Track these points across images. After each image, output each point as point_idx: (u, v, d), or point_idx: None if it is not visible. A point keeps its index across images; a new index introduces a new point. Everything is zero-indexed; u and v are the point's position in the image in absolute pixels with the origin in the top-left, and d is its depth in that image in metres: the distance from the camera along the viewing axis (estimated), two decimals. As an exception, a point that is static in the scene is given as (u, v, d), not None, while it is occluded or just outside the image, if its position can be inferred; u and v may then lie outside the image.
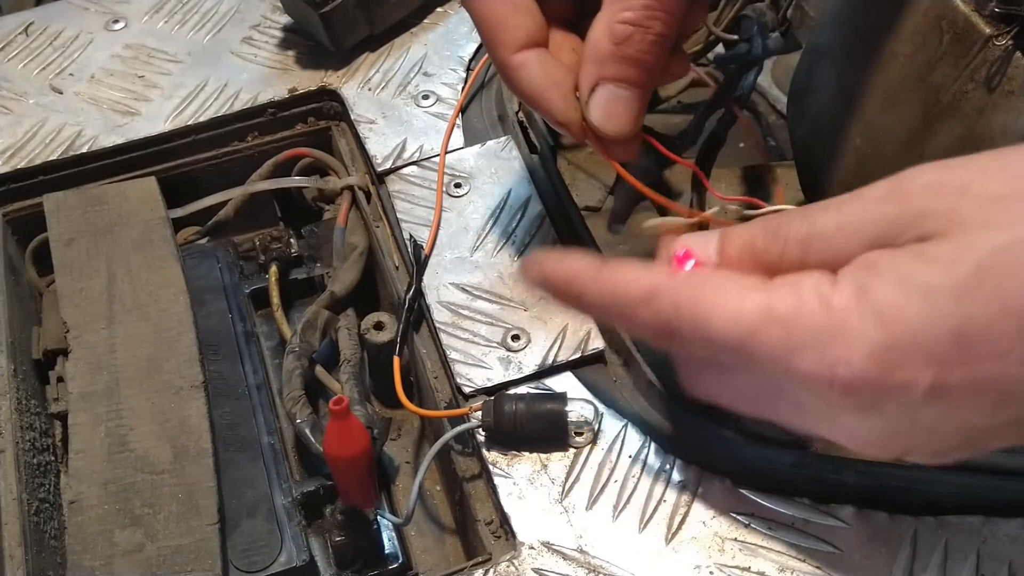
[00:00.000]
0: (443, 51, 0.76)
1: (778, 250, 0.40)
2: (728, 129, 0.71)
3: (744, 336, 0.38)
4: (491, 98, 0.73)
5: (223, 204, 0.70)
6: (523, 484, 0.53)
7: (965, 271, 0.34)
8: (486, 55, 0.74)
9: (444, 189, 0.66)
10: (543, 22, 0.50)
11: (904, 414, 0.37)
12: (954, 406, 0.36)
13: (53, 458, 0.59)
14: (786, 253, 0.40)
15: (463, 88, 0.73)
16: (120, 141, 0.70)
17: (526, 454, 0.54)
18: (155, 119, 0.72)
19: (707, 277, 0.40)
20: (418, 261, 0.62)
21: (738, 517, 0.51)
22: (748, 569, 0.49)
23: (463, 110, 0.72)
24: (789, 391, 0.39)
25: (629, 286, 0.42)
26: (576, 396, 0.56)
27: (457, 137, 0.70)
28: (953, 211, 0.35)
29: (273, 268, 0.68)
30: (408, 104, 0.72)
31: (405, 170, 0.68)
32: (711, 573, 0.49)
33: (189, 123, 0.71)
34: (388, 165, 0.68)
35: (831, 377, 0.37)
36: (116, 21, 0.79)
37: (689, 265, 0.42)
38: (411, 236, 0.63)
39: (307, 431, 0.57)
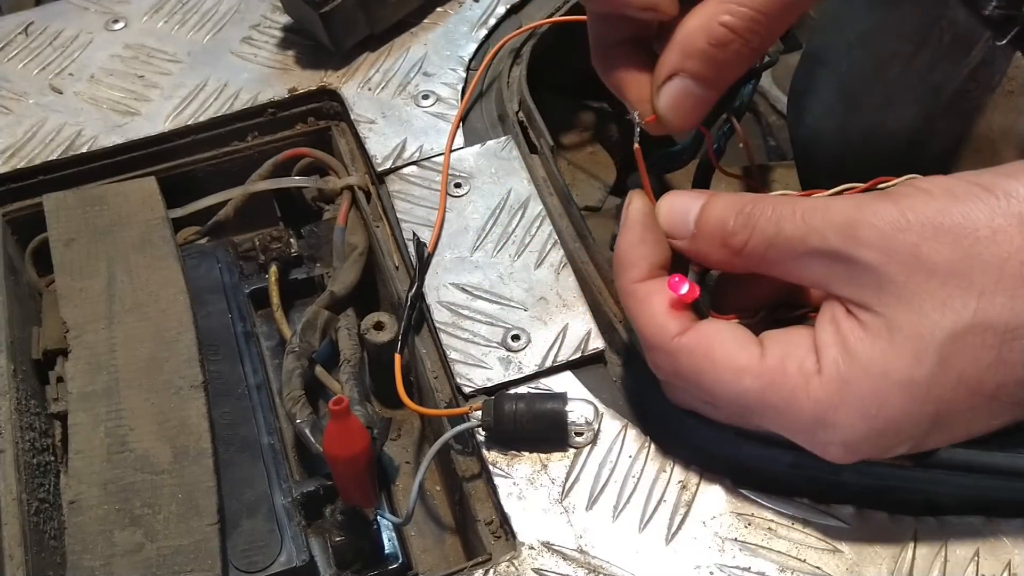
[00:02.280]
0: (443, 51, 0.76)
1: (744, 238, 0.45)
2: (727, 140, 0.71)
3: (742, 412, 0.47)
4: (491, 98, 0.73)
5: (223, 204, 0.70)
6: (523, 484, 0.53)
7: (932, 361, 0.41)
8: (487, 56, 0.74)
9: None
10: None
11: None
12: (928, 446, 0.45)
13: (53, 458, 0.59)
14: (751, 245, 0.45)
15: (464, 88, 0.73)
16: (120, 141, 0.70)
17: (526, 454, 0.54)
18: (155, 119, 0.72)
19: (705, 346, 0.46)
20: (421, 259, 0.62)
21: (738, 517, 0.51)
22: (748, 569, 0.49)
23: (467, 111, 0.72)
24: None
25: (640, 329, 0.48)
26: (576, 396, 0.56)
27: (457, 137, 0.70)
28: (905, 284, 0.41)
29: (273, 268, 0.68)
30: (408, 104, 0.72)
31: (405, 170, 0.68)
32: (711, 573, 0.49)
33: (189, 123, 0.71)
34: (388, 165, 0.68)
35: (822, 452, 0.45)
36: (116, 21, 0.79)
37: (684, 289, 0.46)
38: (415, 234, 0.63)
39: (307, 431, 0.57)
